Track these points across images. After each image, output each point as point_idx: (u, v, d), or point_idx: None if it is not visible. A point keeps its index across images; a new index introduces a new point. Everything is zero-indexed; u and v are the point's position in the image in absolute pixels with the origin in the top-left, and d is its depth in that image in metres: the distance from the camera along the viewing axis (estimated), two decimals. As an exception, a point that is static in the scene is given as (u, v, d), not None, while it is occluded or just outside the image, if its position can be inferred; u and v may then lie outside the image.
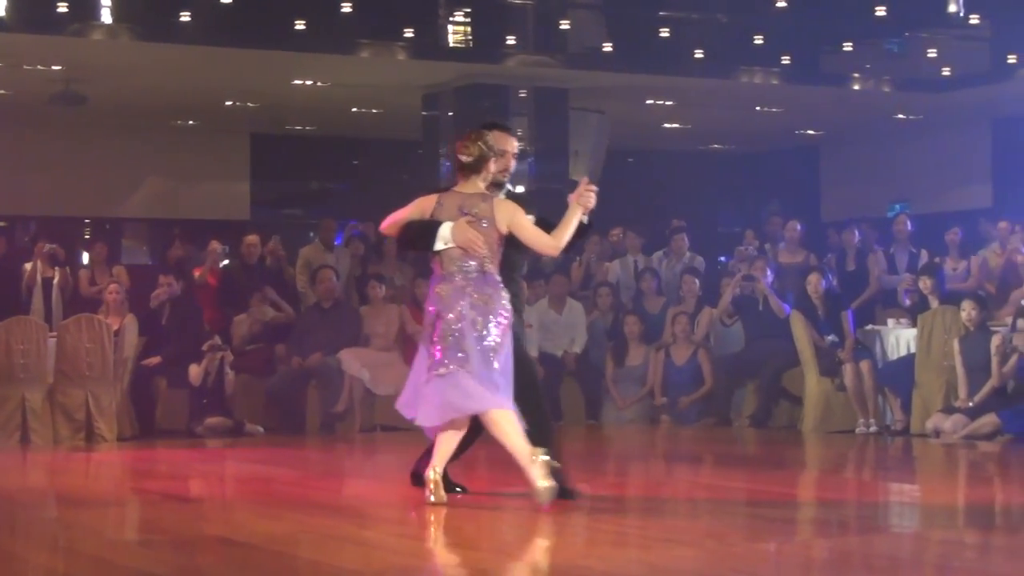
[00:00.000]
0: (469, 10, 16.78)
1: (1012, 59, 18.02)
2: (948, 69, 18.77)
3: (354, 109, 20.26)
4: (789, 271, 14.99)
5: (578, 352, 15.09)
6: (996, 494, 9.31)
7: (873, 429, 13.26)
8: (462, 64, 17.44)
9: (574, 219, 7.60)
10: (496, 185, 7.92)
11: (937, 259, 14.55)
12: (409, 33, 16.84)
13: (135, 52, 16.00)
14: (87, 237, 19.98)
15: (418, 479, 7.98)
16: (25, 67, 16.43)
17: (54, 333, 13.11)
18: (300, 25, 15.76)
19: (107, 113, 18.78)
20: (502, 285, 7.67)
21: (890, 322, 13.78)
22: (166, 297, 13.92)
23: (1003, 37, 18.01)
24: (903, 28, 18.02)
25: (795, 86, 18.69)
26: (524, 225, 7.66)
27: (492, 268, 7.62)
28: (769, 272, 14.76)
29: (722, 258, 16.49)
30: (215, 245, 15.58)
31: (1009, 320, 12.53)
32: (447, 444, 7.72)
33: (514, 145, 8.30)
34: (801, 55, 18.30)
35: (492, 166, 7.80)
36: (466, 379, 7.52)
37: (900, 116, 20.40)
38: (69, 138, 19.89)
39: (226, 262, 16.16)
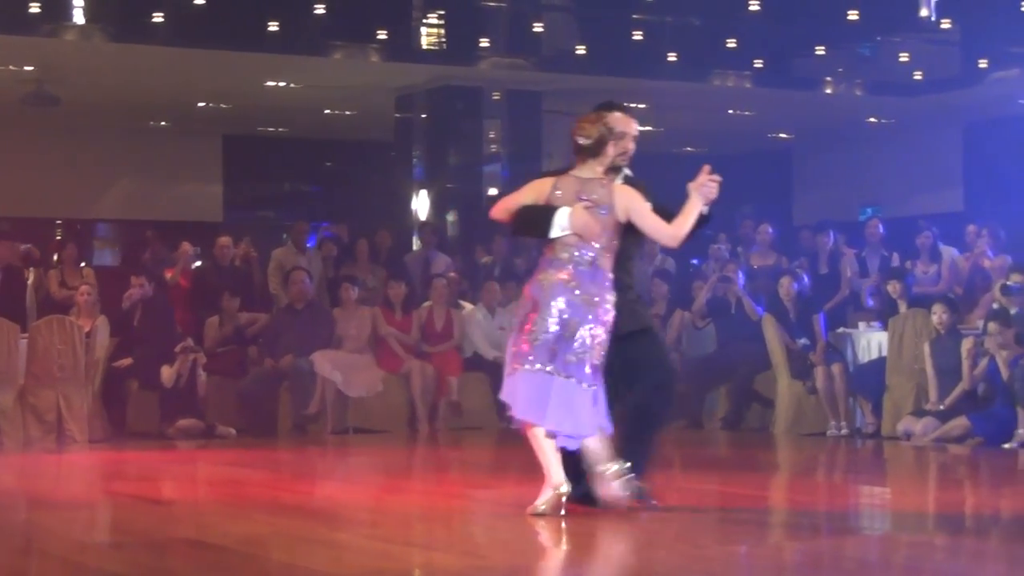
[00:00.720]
0: (443, 12, 16.80)
1: (983, 64, 18.12)
2: (919, 73, 18.85)
3: (327, 111, 20.25)
4: (761, 274, 15.04)
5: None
6: (966, 497, 9.37)
7: (844, 432, 13.30)
8: (435, 66, 17.45)
9: (695, 209, 7.29)
10: (614, 170, 7.50)
11: (908, 263, 14.60)
12: (382, 35, 16.83)
13: (108, 53, 15.99)
14: (59, 238, 19.87)
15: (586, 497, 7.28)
16: (-3, 67, 16.41)
17: (25, 334, 13.07)
18: (273, 27, 15.75)
19: (79, 114, 18.74)
20: (609, 284, 7.22)
21: (861, 325, 13.84)
22: (138, 298, 13.82)
23: (974, 41, 18.09)
24: (875, 32, 18.10)
25: (767, 90, 18.75)
26: (644, 213, 7.32)
27: (606, 261, 7.19)
28: (741, 275, 14.82)
29: (694, 260, 16.49)
30: (187, 247, 15.54)
31: (979, 323, 12.58)
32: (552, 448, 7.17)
33: (635, 128, 7.91)
34: (773, 59, 18.37)
35: (611, 149, 7.36)
36: (548, 382, 7.08)
37: (872, 120, 20.50)
38: (41, 139, 19.87)
39: (198, 264, 16.13)
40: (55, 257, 16.83)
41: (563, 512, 6.98)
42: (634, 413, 7.56)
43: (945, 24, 15.69)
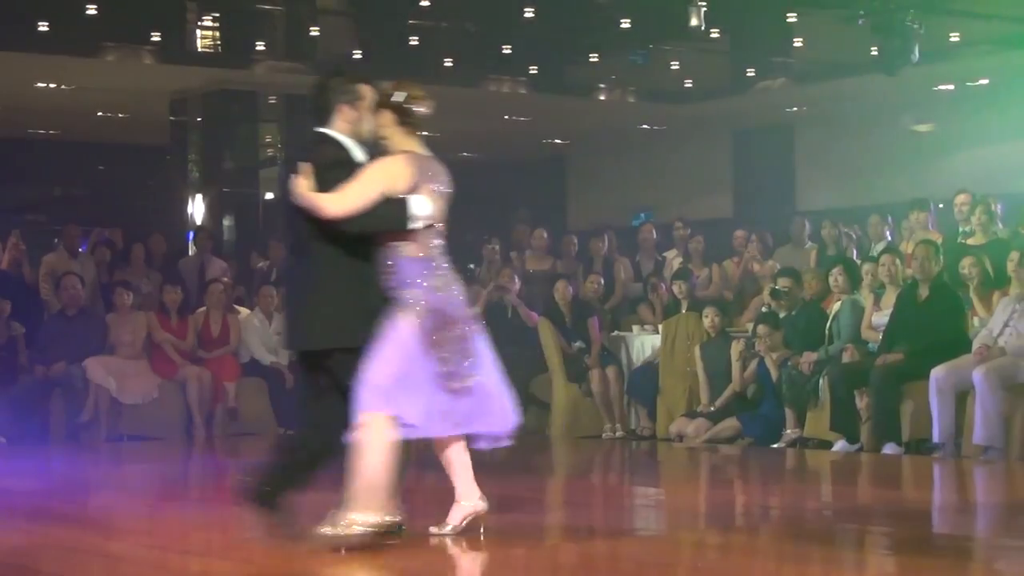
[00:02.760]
0: (218, 15, 16.60)
1: (751, 72, 18.57)
2: (690, 81, 19.24)
3: (99, 113, 19.84)
4: (536, 278, 15.15)
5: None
6: (737, 495, 9.53)
7: (619, 434, 13.49)
8: (210, 69, 17.25)
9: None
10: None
11: (690, 265, 14.83)
12: (156, 37, 16.58)
13: None
14: None
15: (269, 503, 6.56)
16: None
17: None
18: (43, 26, 15.41)
19: None
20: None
21: (635, 328, 14.02)
22: None
23: (742, 51, 18.53)
24: (647, 41, 18.38)
25: (542, 96, 18.93)
26: None
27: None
28: (516, 279, 14.91)
29: (471, 265, 16.55)
30: None
31: (749, 326, 12.86)
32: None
33: None
34: (548, 65, 18.56)
35: None
36: (484, 390, 6.62)
37: (645, 127, 20.83)
38: None
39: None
40: None
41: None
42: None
43: (714, 34, 16.01)
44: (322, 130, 6.39)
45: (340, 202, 6.01)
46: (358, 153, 6.36)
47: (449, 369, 6.29)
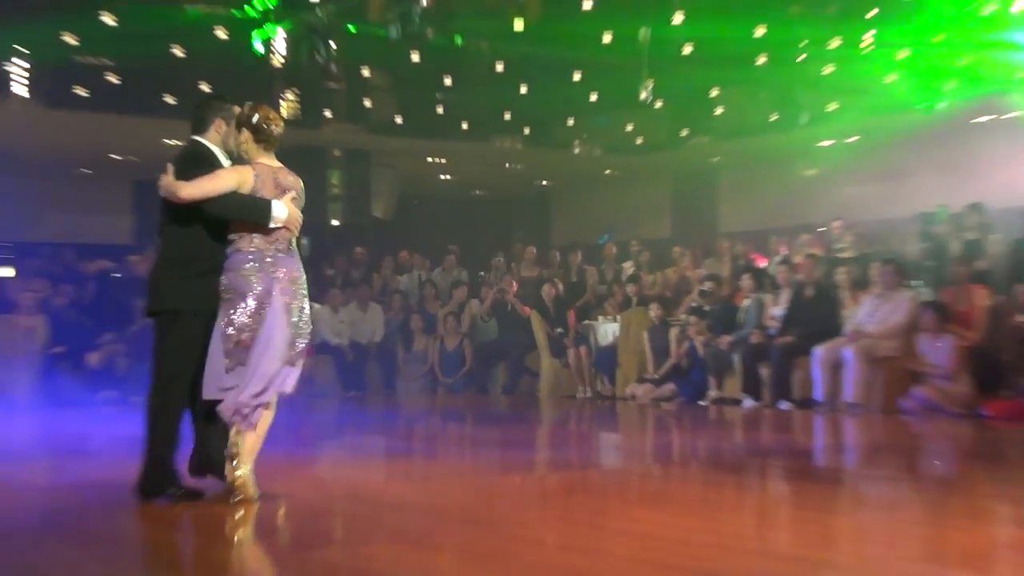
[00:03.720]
0: (297, 90, 16.53)
1: (684, 133, 18.42)
2: (640, 139, 19.03)
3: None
4: (528, 282, 15.16)
5: (378, 341, 15.04)
6: (673, 439, 9.57)
7: (589, 395, 13.54)
8: (291, 130, 17.19)
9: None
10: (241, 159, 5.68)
11: (640, 272, 14.85)
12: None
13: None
14: None
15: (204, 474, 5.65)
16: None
17: None
18: (170, 99, 15.02)
19: None
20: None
21: (600, 318, 14.01)
22: None
23: (678, 117, 18.31)
24: (609, 109, 18.07)
25: (533, 149, 18.88)
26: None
27: (296, 247, 5.71)
28: (514, 283, 15.00)
29: (481, 273, 16.59)
30: None
31: (683, 317, 12.89)
32: (260, 437, 5.46)
33: None
34: (537, 127, 18.49)
35: None
36: (276, 363, 5.44)
37: (607, 172, 20.73)
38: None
39: None
40: None
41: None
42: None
43: (658, 105, 15.97)
44: (196, 138, 5.69)
45: (189, 189, 5.30)
46: (223, 160, 5.66)
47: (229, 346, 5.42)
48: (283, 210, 5.50)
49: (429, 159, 19.20)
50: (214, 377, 5.46)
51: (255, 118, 5.56)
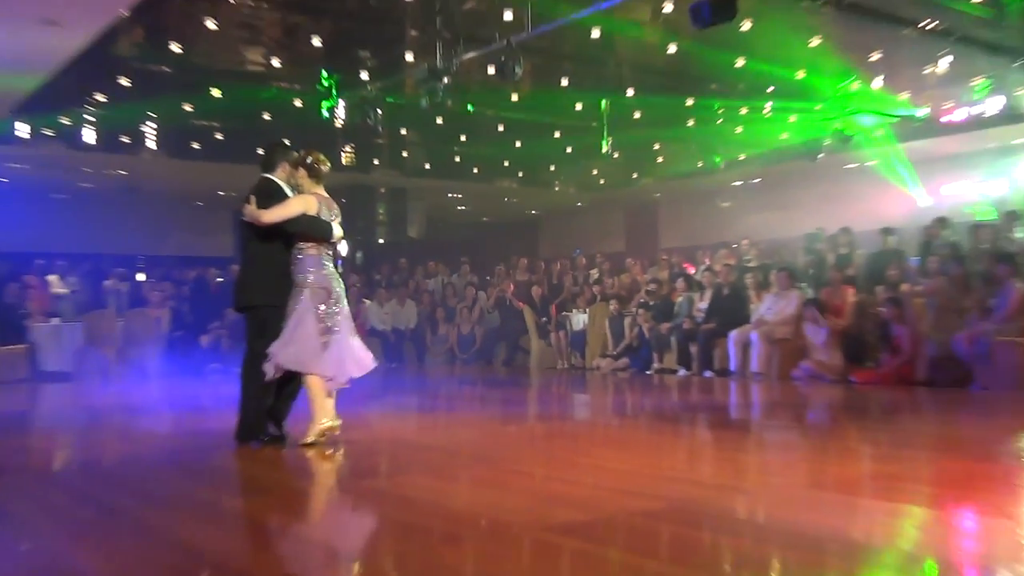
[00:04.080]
0: (353, 145, 16.47)
1: (635, 175, 18.33)
2: (603, 180, 19.04)
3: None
4: (522, 284, 15.14)
5: (412, 327, 15.03)
6: (627, 398, 9.52)
7: (566, 367, 13.51)
8: (350, 173, 17.11)
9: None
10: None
11: (603, 277, 14.82)
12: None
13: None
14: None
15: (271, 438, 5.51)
16: None
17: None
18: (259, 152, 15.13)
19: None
20: None
21: (574, 311, 14.00)
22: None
23: (630, 164, 18.32)
24: (581, 159, 18.12)
25: (526, 188, 18.86)
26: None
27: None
28: (512, 285, 14.97)
29: (488, 277, 16.55)
30: None
31: (634, 309, 12.86)
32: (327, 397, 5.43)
33: None
34: (528, 171, 18.45)
35: None
36: (350, 344, 5.47)
37: (579, 204, 20.68)
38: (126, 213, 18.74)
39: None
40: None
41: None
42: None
43: (616, 155, 15.94)
44: (267, 175, 5.59)
45: (269, 215, 5.26)
46: (288, 191, 5.56)
47: (323, 326, 5.33)
48: (339, 229, 5.50)
49: (449, 195, 19.17)
50: (309, 353, 5.27)
51: (308, 160, 5.55)
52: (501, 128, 16.27)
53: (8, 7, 7.75)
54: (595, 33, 10.49)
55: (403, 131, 16.93)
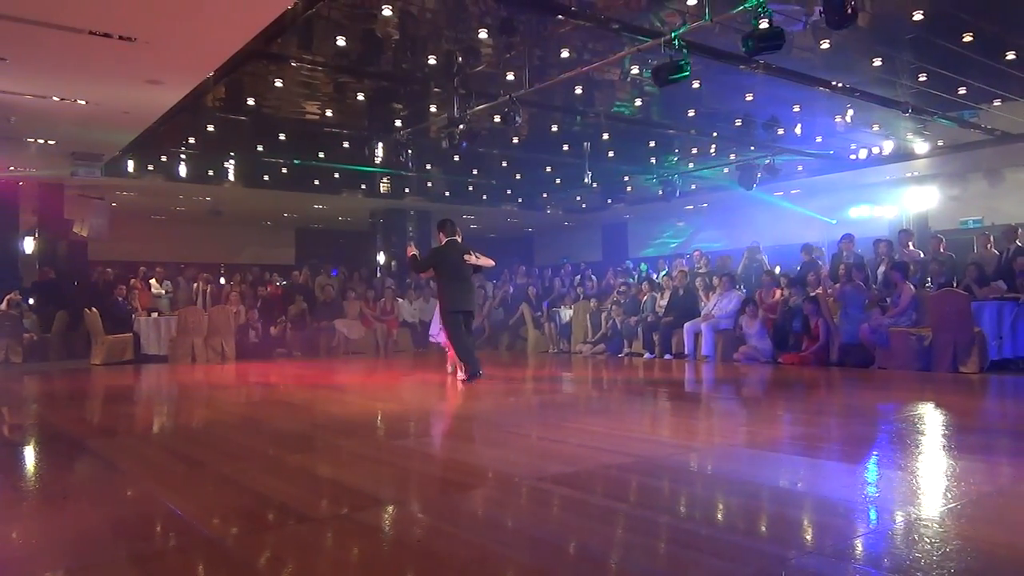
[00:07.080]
0: (388, 178, 16.37)
1: (609, 201, 18.27)
2: (584, 204, 19.01)
3: (340, 218, 19.45)
4: (520, 287, 15.12)
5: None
6: (603, 375, 9.49)
7: (555, 351, 13.46)
8: (385, 199, 17.09)
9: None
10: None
11: (586, 281, 14.79)
12: (363, 186, 16.14)
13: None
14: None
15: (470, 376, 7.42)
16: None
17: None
18: (315, 183, 15.11)
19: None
20: None
21: (562, 308, 14.00)
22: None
23: (597, 191, 18.21)
24: (566, 187, 17.94)
25: (524, 211, 18.88)
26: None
27: None
28: (512, 287, 14.92)
29: (493, 281, 16.50)
30: None
31: (610, 306, 12.84)
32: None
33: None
34: (526, 198, 18.47)
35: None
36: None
37: (565, 223, 20.65)
38: (213, 229, 18.68)
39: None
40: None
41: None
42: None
43: (594, 184, 15.92)
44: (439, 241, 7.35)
45: (487, 260, 7.42)
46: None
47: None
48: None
49: (464, 216, 19.11)
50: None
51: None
52: (504, 164, 16.23)
53: (123, 71, 7.88)
54: (579, 90, 10.52)
55: (428, 166, 16.89)
